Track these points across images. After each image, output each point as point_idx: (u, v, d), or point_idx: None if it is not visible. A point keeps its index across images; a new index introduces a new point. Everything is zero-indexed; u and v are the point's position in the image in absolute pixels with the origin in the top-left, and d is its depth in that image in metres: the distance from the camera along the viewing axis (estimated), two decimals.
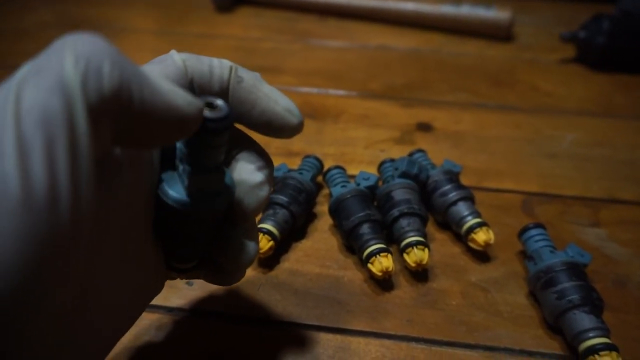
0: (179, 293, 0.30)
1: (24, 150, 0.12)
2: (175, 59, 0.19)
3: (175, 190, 0.19)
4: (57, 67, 0.13)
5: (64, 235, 0.12)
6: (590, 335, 0.26)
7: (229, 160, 0.21)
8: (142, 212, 0.19)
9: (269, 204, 0.33)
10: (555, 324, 0.28)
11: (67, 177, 0.12)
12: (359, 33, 0.69)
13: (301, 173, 0.36)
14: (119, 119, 0.14)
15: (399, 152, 0.43)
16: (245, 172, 0.20)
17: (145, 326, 0.28)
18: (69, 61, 0.13)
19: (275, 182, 0.36)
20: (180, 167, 0.19)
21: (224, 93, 0.20)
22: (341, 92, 0.54)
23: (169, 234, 0.20)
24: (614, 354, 0.25)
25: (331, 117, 0.49)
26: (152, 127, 0.15)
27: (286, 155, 0.43)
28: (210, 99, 0.18)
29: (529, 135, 0.47)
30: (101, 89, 0.13)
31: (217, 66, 0.19)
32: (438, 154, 0.42)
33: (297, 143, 0.45)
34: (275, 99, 0.20)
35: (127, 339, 0.27)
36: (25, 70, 0.13)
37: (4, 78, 0.13)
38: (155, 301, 0.29)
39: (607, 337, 0.26)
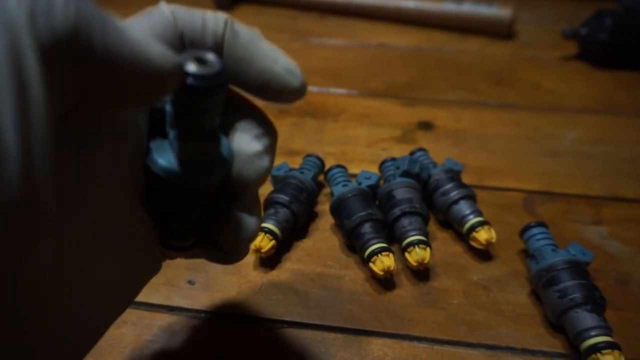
0: (181, 292, 0.30)
1: None
2: (164, 10, 0.17)
3: (165, 159, 0.17)
4: None
5: (14, 199, 0.10)
6: (593, 333, 0.26)
7: (227, 129, 0.20)
8: (129, 183, 0.17)
9: (270, 203, 0.33)
10: (557, 323, 0.28)
11: (14, 129, 0.10)
12: (359, 31, 0.68)
13: (302, 172, 0.36)
14: (79, 66, 0.12)
15: (400, 151, 0.43)
16: (244, 141, 0.19)
17: (147, 325, 0.28)
18: None
19: (277, 181, 0.36)
20: (171, 134, 0.17)
21: (218, 50, 0.18)
22: (342, 90, 0.54)
23: (162, 208, 0.19)
24: (616, 352, 0.25)
25: (332, 116, 0.49)
26: (121, 81, 0.13)
27: (287, 154, 0.43)
28: (200, 54, 0.15)
29: (530, 133, 0.47)
30: (53, 26, 0.11)
31: (211, 19, 0.18)
32: (439, 153, 0.42)
33: (298, 142, 0.45)
34: (274, 57, 0.18)
35: (129, 338, 0.27)
36: None
37: None
38: (157, 300, 0.29)
39: (609, 335, 0.26)
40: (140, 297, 0.30)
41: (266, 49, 0.18)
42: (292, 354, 0.27)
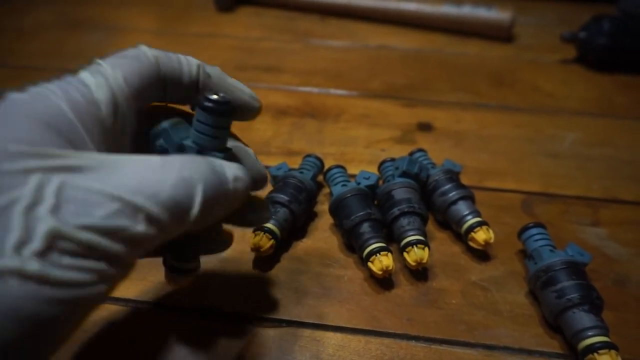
0: (179, 290, 0.30)
1: None
2: (149, 55, 0.21)
3: None
4: None
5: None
6: (590, 333, 0.26)
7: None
8: None
9: (269, 203, 0.33)
10: (554, 323, 0.28)
11: None
12: (359, 33, 0.69)
13: (302, 172, 0.36)
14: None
15: (399, 152, 0.43)
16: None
17: (147, 323, 0.28)
18: None
19: (276, 181, 0.36)
20: (188, 149, 0.21)
21: (193, 86, 0.22)
22: (342, 91, 0.54)
23: None
24: (613, 352, 0.25)
25: (332, 116, 0.49)
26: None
27: (287, 154, 0.43)
28: (212, 92, 0.20)
29: (530, 134, 0.47)
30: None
31: (185, 63, 0.22)
32: (438, 154, 0.42)
33: (297, 142, 0.45)
34: (241, 88, 0.23)
35: (132, 338, 0.27)
36: None
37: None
38: (157, 299, 0.30)
39: (607, 335, 0.26)
40: (138, 296, 0.30)
41: (232, 81, 0.23)
42: (290, 353, 0.27)
